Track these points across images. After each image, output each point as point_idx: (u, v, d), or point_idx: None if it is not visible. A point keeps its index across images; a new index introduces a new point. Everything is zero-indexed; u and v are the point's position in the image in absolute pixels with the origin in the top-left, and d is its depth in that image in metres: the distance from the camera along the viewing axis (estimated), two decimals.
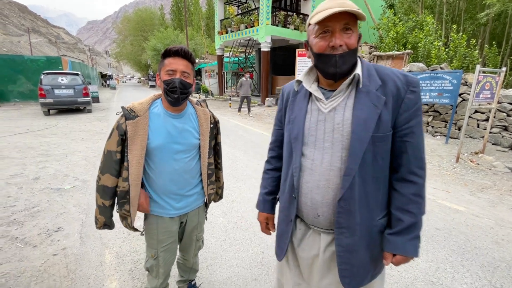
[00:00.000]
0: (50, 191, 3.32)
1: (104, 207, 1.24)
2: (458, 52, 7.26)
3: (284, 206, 1.03)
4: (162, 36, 27.61)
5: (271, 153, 1.18)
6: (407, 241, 0.86)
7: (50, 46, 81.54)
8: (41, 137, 6.15)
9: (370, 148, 0.82)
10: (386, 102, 0.82)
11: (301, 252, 1.01)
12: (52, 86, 9.07)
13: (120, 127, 1.16)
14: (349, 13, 0.77)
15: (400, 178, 0.88)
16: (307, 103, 0.93)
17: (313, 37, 0.84)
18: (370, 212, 0.88)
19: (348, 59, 0.82)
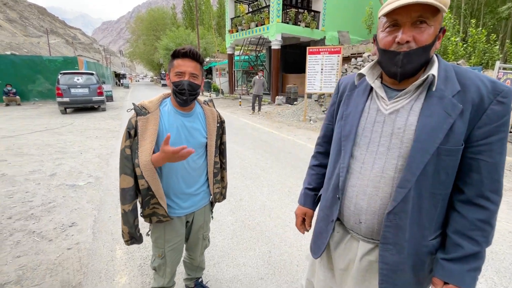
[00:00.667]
0: (65, 187, 3.44)
1: (125, 214, 1.20)
2: (477, 48, 6.96)
3: (325, 205, 0.98)
4: (174, 36, 27.97)
5: (318, 148, 1.13)
6: (465, 271, 0.75)
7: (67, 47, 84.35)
8: (58, 134, 6.38)
9: (434, 161, 0.72)
10: (463, 111, 0.70)
11: (337, 256, 0.98)
12: (69, 85, 9.39)
13: (129, 122, 1.18)
14: (424, 4, 0.65)
15: (466, 200, 0.76)
16: (365, 100, 0.85)
17: (381, 30, 0.76)
18: (422, 230, 0.79)
19: (415, 58, 0.71)
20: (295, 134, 6.76)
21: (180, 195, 1.31)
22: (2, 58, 12.91)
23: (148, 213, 1.26)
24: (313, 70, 7.99)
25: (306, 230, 1.18)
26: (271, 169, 4.14)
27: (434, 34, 0.71)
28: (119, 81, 33.67)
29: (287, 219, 2.71)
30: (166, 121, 1.22)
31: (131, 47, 43.87)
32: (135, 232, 1.25)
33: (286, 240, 2.37)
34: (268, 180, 3.70)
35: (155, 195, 1.19)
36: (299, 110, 9.36)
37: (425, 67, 0.77)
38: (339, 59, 7.72)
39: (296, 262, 2.08)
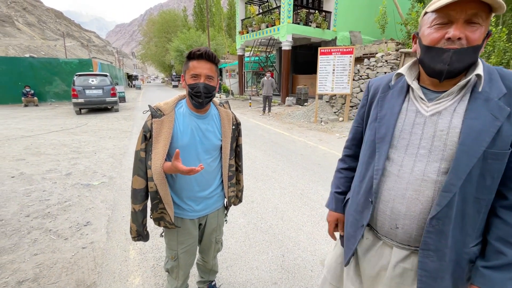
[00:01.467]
0: (80, 187, 3.51)
1: (134, 213, 1.23)
2: (496, 47, 6.69)
3: (355, 209, 0.94)
4: (185, 37, 28.35)
5: (347, 151, 1.10)
6: (507, 280, 0.73)
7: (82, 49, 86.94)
8: (73, 135, 6.55)
9: (479, 165, 0.70)
10: (510, 114, 0.68)
11: (366, 263, 0.94)
12: (84, 86, 9.64)
13: (145, 125, 1.18)
14: (481, 2, 0.63)
15: (510, 206, 0.75)
16: (402, 102, 0.82)
17: (427, 27, 0.72)
18: (464, 236, 0.76)
19: (465, 57, 0.68)
20: (306, 136, 6.69)
21: (194, 197, 1.29)
22: (21, 61, 13.41)
23: (156, 217, 1.26)
24: (324, 70, 7.89)
25: (342, 234, 1.13)
26: (282, 171, 4.09)
27: (484, 35, 0.68)
28: (131, 83, 34.38)
29: (300, 222, 2.66)
30: (181, 123, 1.20)
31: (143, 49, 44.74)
32: (143, 231, 1.28)
33: (299, 244, 2.32)
34: (279, 182, 3.66)
35: (162, 201, 1.19)
36: (309, 111, 9.26)
37: (468, 69, 0.73)
38: (352, 59, 7.60)
39: (310, 267, 2.03)
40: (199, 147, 1.23)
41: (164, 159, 1.15)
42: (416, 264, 0.82)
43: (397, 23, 10.38)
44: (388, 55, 8.14)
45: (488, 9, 0.65)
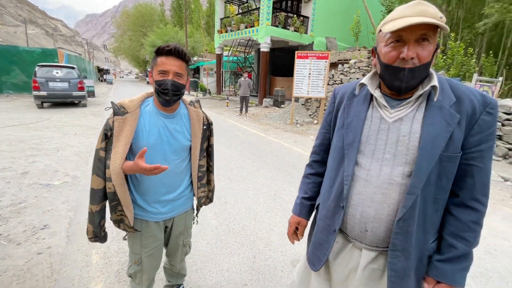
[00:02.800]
0: (39, 187, 3.23)
1: (91, 213, 1.16)
2: (455, 60, 7.32)
3: (326, 214, 0.96)
4: (161, 33, 27.43)
5: (314, 157, 1.11)
6: (457, 271, 0.81)
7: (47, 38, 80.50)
8: (33, 130, 6.03)
9: (437, 168, 0.76)
10: (459, 121, 0.75)
11: (337, 266, 0.96)
12: (47, 78, 8.91)
13: (107, 122, 1.11)
14: (429, 23, 0.69)
15: (460, 203, 0.82)
16: (367, 109, 0.86)
17: (383, 45, 0.78)
18: (425, 234, 0.82)
19: (418, 74, 0.75)
20: (281, 137, 6.78)
21: (159, 199, 1.24)
22: None
23: (116, 219, 1.20)
24: (301, 74, 8.07)
25: (297, 240, 1.15)
26: (257, 172, 4.11)
27: (433, 51, 0.75)
28: (102, 77, 32.50)
29: (272, 223, 2.68)
30: (147, 122, 1.15)
31: (116, 42, 42.56)
32: (100, 232, 1.21)
33: (271, 244, 2.34)
34: (254, 183, 3.67)
35: (121, 203, 1.13)
36: (286, 113, 9.42)
37: (423, 81, 0.80)
38: (327, 64, 7.85)
39: (280, 268, 2.06)
40: (167, 148, 1.19)
41: (123, 159, 1.08)
42: (383, 264, 0.86)
43: (369, 32, 10.95)
44: (361, 62, 8.53)
45: (435, 28, 0.72)
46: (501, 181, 4.22)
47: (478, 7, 8.77)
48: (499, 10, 7.05)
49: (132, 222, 1.18)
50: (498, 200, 3.56)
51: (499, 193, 3.79)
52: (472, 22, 9.12)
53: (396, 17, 0.72)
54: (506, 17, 7.12)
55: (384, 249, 0.85)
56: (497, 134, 5.30)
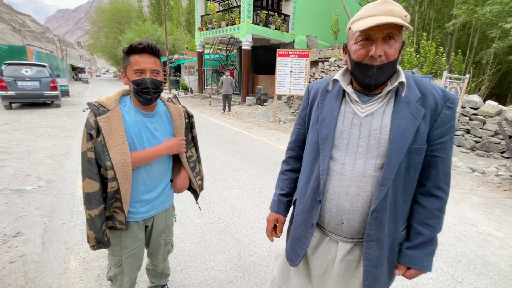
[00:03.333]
0: (9, 193, 3.05)
1: (91, 219, 1.09)
2: (428, 59, 7.70)
3: (303, 210, 0.97)
4: (140, 30, 26.54)
5: (290, 153, 1.12)
6: (424, 255, 0.87)
7: (14, 34, 75.32)
8: (1, 133, 5.65)
9: (405, 160, 0.79)
10: (424, 115, 0.79)
11: (315, 260, 0.98)
12: (15, 77, 8.36)
13: (88, 123, 1.05)
14: (395, 23, 0.72)
15: (426, 193, 0.87)
16: (340, 104, 0.88)
17: (353, 43, 0.81)
18: (396, 224, 0.87)
19: (386, 71, 0.79)
20: (265, 135, 6.83)
21: (139, 199, 1.22)
22: None
23: (107, 215, 1.16)
24: (282, 72, 8.15)
25: (277, 237, 1.16)
26: (241, 170, 4.12)
27: (399, 48, 0.79)
28: (77, 76, 30.96)
29: (257, 220, 2.71)
30: (128, 120, 1.13)
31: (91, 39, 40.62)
32: (103, 237, 1.14)
33: (255, 241, 2.37)
34: (238, 181, 3.68)
35: (121, 199, 1.11)
36: (269, 111, 9.48)
37: (391, 77, 0.84)
38: (308, 62, 7.98)
39: (265, 263, 2.09)
40: (147, 147, 1.17)
41: (129, 154, 1.07)
42: (359, 255, 0.89)
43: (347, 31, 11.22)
44: (340, 60, 8.75)
45: (400, 27, 0.76)
46: (469, 171, 4.52)
47: (447, 8, 9.27)
48: (466, 11, 7.50)
49: (126, 217, 1.16)
50: (467, 190, 3.82)
51: (468, 183, 4.06)
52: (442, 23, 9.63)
53: (364, 16, 0.75)
54: (472, 17, 7.58)
55: (359, 240, 0.88)
56: (465, 127, 5.66)
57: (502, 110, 5.27)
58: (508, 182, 4.00)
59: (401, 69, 0.84)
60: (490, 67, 8.36)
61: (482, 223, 2.88)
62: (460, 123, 5.69)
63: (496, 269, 2.14)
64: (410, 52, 7.82)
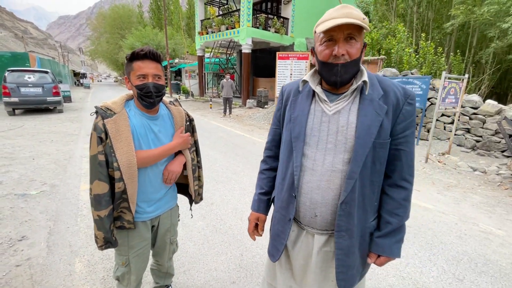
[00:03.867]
0: (14, 197, 3.09)
1: (100, 220, 1.12)
2: (427, 59, 7.73)
3: (281, 205, 1.01)
4: (140, 35, 26.81)
5: (268, 152, 1.16)
6: (393, 243, 0.92)
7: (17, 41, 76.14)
8: (5, 139, 5.72)
9: (371, 153, 0.85)
10: (387, 111, 0.85)
11: (296, 254, 1.01)
12: (18, 84, 8.46)
13: (97, 127, 1.09)
14: (353, 23, 0.78)
15: (392, 184, 0.93)
16: (310, 104, 0.93)
17: (318, 44, 0.86)
18: (365, 214, 0.92)
19: (349, 69, 0.84)
20: (266, 137, 6.84)
21: (146, 199, 1.26)
22: None
23: (114, 216, 1.20)
24: (282, 74, 8.21)
25: (259, 235, 1.19)
26: (242, 172, 4.14)
27: (361, 48, 0.85)
28: (79, 81, 31.22)
29: None
30: (134, 122, 1.17)
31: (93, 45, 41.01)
32: (111, 237, 1.18)
33: (257, 242, 2.39)
34: (239, 183, 3.70)
35: (128, 199, 1.14)
36: (269, 113, 9.52)
37: (355, 76, 0.90)
38: (307, 65, 8.04)
39: None
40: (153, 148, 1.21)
41: (134, 156, 1.11)
42: (334, 246, 0.94)
43: None
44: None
45: (359, 28, 0.81)
46: (470, 171, 4.53)
47: (445, 8, 9.33)
48: (464, 11, 7.55)
49: (134, 216, 1.19)
50: (468, 189, 3.82)
51: (469, 182, 4.07)
52: (441, 23, 9.68)
53: (326, 19, 0.81)
54: (471, 18, 7.63)
55: (333, 232, 0.93)
56: (465, 127, 5.68)
57: (501, 109, 5.28)
58: (509, 181, 4.01)
59: (365, 69, 0.90)
60: (490, 66, 8.38)
61: (483, 222, 2.89)
62: (460, 123, 5.71)
63: (497, 267, 2.15)
64: (409, 52, 7.87)
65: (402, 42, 8.46)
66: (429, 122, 6.14)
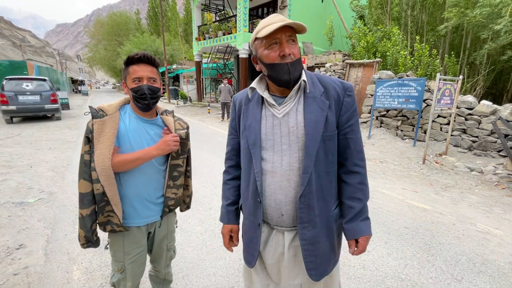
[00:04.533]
0: (11, 206, 3.08)
1: (82, 218, 1.16)
2: (422, 61, 7.81)
3: (249, 212, 1.04)
4: (138, 41, 26.95)
5: (229, 162, 1.17)
6: (361, 223, 0.97)
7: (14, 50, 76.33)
8: (2, 147, 5.71)
9: (322, 146, 0.90)
10: (330, 105, 0.92)
11: (267, 254, 1.04)
12: (16, 92, 8.49)
13: (87, 127, 1.14)
14: (290, 27, 0.86)
15: (347, 171, 0.99)
16: (261, 110, 0.97)
17: (263, 49, 0.90)
18: (326, 204, 0.96)
19: (297, 67, 0.90)
20: None
21: (141, 203, 1.25)
22: None
23: (102, 221, 1.20)
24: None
25: (236, 245, 1.18)
26: None
27: (299, 50, 0.93)
28: (77, 88, 31.27)
29: None
30: (128, 127, 1.19)
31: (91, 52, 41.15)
32: (92, 236, 1.20)
33: None
34: None
35: (110, 202, 1.15)
36: None
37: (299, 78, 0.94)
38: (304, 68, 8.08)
39: None
40: None
41: (110, 159, 1.10)
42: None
43: (343, 36, 11.41)
44: (336, 65, 8.89)
45: (295, 32, 0.89)
46: (467, 171, 4.55)
47: (439, 11, 9.46)
48: (457, 14, 7.65)
49: (121, 219, 1.18)
50: (465, 189, 3.84)
51: (466, 182, 4.09)
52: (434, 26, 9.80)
53: (267, 24, 0.86)
54: (464, 20, 7.73)
55: None
56: (461, 127, 5.72)
57: (496, 109, 5.33)
58: (506, 180, 4.03)
59: (304, 70, 0.96)
60: (484, 67, 8.47)
61: (481, 222, 2.90)
62: (456, 124, 5.75)
63: (495, 267, 2.16)
64: (404, 55, 7.95)
65: (397, 44, 8.55)
66: (426, 123, 6.18)
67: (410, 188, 3.84)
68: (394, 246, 2.41)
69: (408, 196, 3.57)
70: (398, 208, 3.18)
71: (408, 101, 5.90)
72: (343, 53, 10.45)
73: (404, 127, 6.66)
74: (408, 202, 3.36)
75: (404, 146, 6.06)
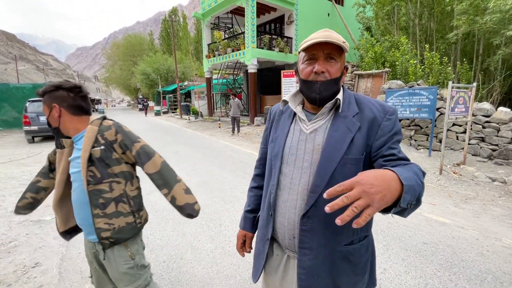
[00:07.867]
0: (29, 224, 3.18)
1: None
2: (433, 69, 7.69)
3: (262, 224, 1.02)
4: (151, 61, 28.16)
5: (257, 171, 1.19)
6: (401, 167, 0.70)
7: (38, 73, 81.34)
8: (24, 166, 5.97)
9: (341, 169, 0.81)
10: (360, 127, 0.84)
11: (277, 280, 0.99)
12: (38, 113, 8.96)
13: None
14: (333, 44, 0.82)
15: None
16: (291, 124, 0.96)
17: (301, 63, 0.90)
18: (336, 235, 0.85)
19: (329, 87, 0.86)
20: None
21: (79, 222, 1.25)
22: None
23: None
24: (288, 91, 8.35)
25: (247, 252, 1.18)
26: None
27: (341, 69, 0.88)
28: (94, 107, 32.73)
29: None
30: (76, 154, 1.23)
31: (107, 72, 43.28)
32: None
33: None
34: None
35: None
36: None
37: (335, 96, 0.91)
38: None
39: None
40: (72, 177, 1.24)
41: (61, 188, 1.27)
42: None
43: (350, 48, 11.47)
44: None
45: (339, 49, 0.84)
46: (489, 181, 4.33)
47: (447, 19, 9.38)
48: (466, 21, 7.56)
49: (60, 227, 1.28)
50: (488, 201, 3.64)
51: (488, 194, 3.88)
52: (444, 33, 9.70)
53: (309, 39, 0.85)
54: (474, 27, 7.62)
55: None
56: (479, 136, 5.50)
57: None
58: None
59: (343, 89, 0.92)
60: (500, 73, 8.22)
61: (507, 236, 2.72)
62: (473, 132, 5.55)
63: None
64: (414, 64, 7.86)
65: (406, 54, 8.49)
66: (441, 132, 5.99)
67: (427, 201, 3.68)
68: (412, 264, 2.29)
69: (426, 209, 3.41)
70: (415, 222, 3.05)
71: (421, 110, 5.77)
72: (352, 64, 10.47)
73: (417, 136, 6.48)
74: (426, 216, 3.21)
75: (419, 156, 5.87)
